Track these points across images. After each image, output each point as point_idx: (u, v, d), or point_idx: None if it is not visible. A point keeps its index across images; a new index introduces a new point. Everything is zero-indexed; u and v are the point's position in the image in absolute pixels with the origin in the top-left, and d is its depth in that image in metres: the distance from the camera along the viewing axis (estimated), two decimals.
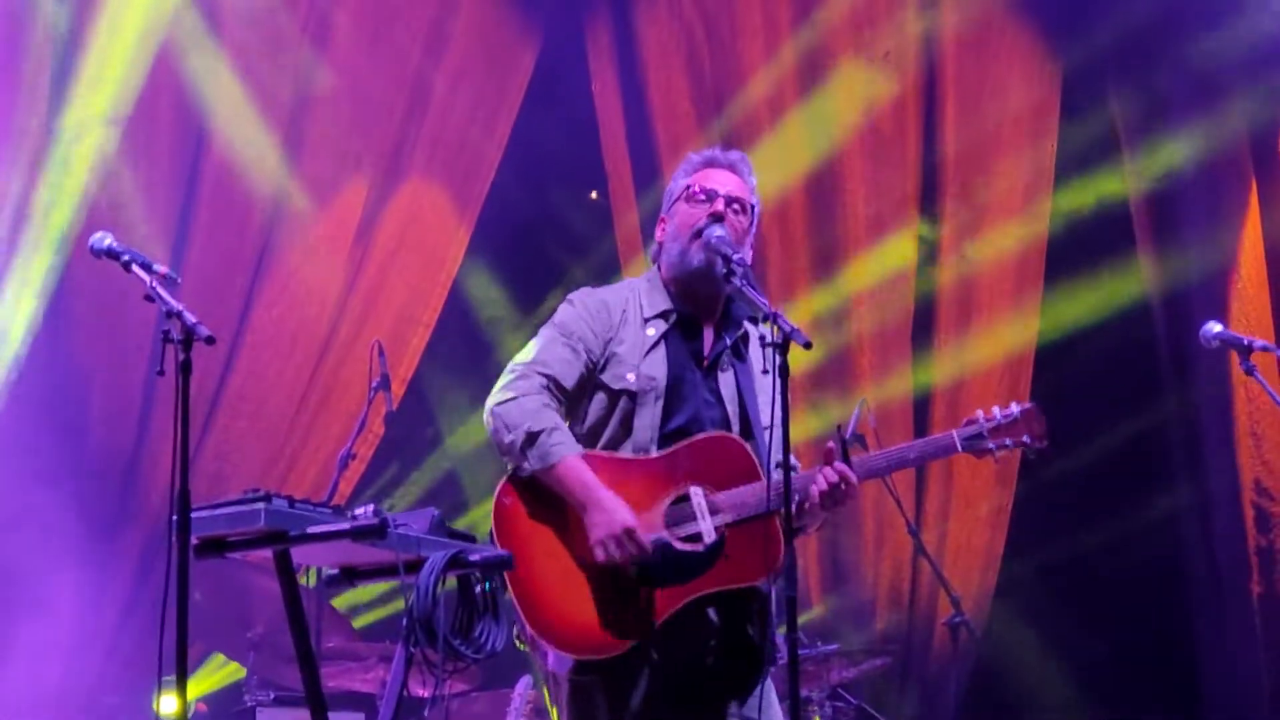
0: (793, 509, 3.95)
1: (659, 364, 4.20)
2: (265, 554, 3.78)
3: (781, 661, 5.35)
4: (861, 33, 8.79)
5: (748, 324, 4.32)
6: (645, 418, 4.15)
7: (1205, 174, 8.73)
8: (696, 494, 4.08)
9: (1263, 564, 8.40)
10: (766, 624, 4.18)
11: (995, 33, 8.94)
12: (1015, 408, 4.33)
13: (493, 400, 4.15)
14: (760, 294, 4.02)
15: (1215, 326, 5.20)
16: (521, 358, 4.21)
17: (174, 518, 3.61)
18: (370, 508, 3.71)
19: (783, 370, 3.87)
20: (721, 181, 4.31)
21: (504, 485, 4.10)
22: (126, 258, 3.90)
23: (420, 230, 8.20)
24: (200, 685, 7.34)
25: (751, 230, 4.35)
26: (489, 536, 4.04)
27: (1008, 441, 4.29)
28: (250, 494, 3.61)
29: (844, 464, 4.09)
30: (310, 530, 3.63)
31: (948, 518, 8.63)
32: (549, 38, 8.49)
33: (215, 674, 7.45)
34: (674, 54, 8.69)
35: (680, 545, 4.04)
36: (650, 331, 4.24)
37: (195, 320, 3.73)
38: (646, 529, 4.02)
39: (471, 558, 3.79)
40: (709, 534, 4.05)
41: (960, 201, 8.84)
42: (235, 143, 7.70)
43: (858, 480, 4.11)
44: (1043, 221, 8.86)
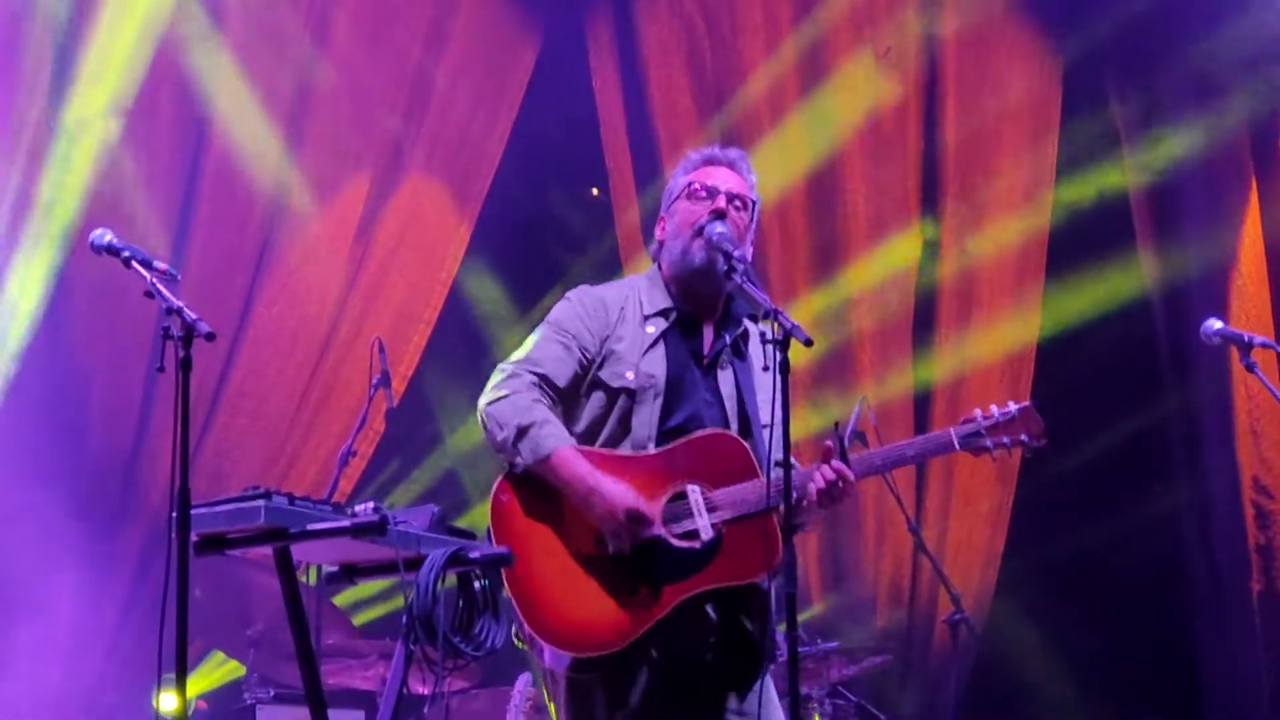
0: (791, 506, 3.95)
1: (658, 362, 4.20)
2: (265, 551, 3.78)
3: (781, 659, 5.36)
4: (862, 30, 8.79)
5: (747, 322, 4.32)
6: (644, 415, 4.15)
7: (1205, 171, 8.73)
8: (694, 491, 4.07)
9: (1262, 562, 8.41)
10: (766, 621, 4.18)
11: (996, 29, 8.93)
12: (1013, 406, 4.33)
13: (484, 400, 4.15)
14: (761, 291, 4.02)
15: (1216, 323, 5.18)
16: (513, 356, 4.21)
17: (174, 515, 3.61)
18: (370, 505, 3.72)
19: (783, 367, 3.87)
20: (722, 178, 4.31)
21: (501, 483, 4.09)
22: (127, 254, 3.90)
23: (421, 228, 8.20)
24: (200, 683, 7.33)
25: (751, 227, 4.35)
26: (486, 534, 4.03)
27: (1005, 440, 4.29)
28: (250, 491, 3.61)
29: (842, 462, 4.09)
30: (310, 527, 3.64)
31: (948, 515, 8.63)
32: (549, 35, 8.49)
33: (215, 671, 7.45)
34: (675, 51, 8.68)
35: (677, 542, 4.04)
36: (650, 329, 4.23)
37: (195, 317, 3.72)
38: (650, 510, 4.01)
39: (471, 555, 3.79)
40: (706, 531, 4.05)
41: (961, 199, 8.84)
42: (236, 140, 7.70)
43: (855, 478, 4.11)
44: (1043, 218, 8.86)
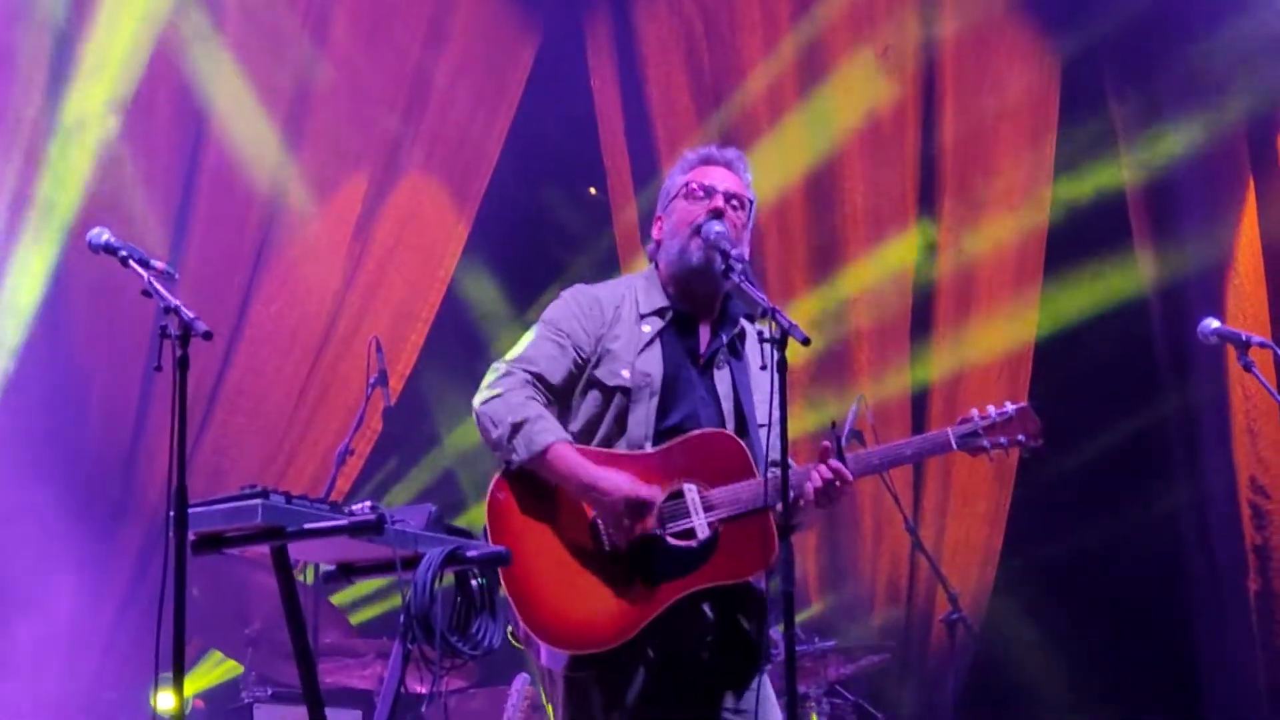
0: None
1: (654, 361, 4.20)
2: (262, 550, 3.78)
3: (779, 658, 5.36)
4: (861, 28, 8.78)
5: (744, 322, 4.33)
6: (640, 414, 4.15)
7: (1203, 170, 8.72)
8: (690, 490, 4.07)
9: (1259, 561, 8.41)
10: (762, 620, 4.18)
11: (995, 28, 8.93)
12: (1010, 407, 4.33)
13: (478, 399, 4.15)
14: (759, 290, 4.02)
15: (1213, 322, 5.17)
16: (507, 355, 4.22)
17: (171, 513, 3.60)
18: (367, 504, 3.72)
19: (781, 366, 3.87)
20: (719, 178, 4.31)
21: (498, 480, 4.09)
22: (124, 253, 3.90)
23: (419, 226, 8.19)
24: (198, 682, 7.33)
25: (749, 226, 4.36)
26: (483, 533, 4.03)
27: (1002, 440, 4.29)
28: (247, 490, 3.61)
29: (839, 461, 4.09)
30: (307, 526, 3.63)
31: (946, 514, 8.63)
32: (548, 34, 8.48)
33: (213, 671, 7.44)
34: (673, 50, 8.68)
35: (674, 541, 4.04)
36: (646, 328, 4.23)
37: (193, 315, 3.72)
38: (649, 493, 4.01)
39: (469, 554, 3.79)
40: (702, 530, 4.05)
41: (959, 198, 8.83)
42: (234, 139, 7.69)
43: (853, 478, 4.11)
44: (1042, 218, 8.86)
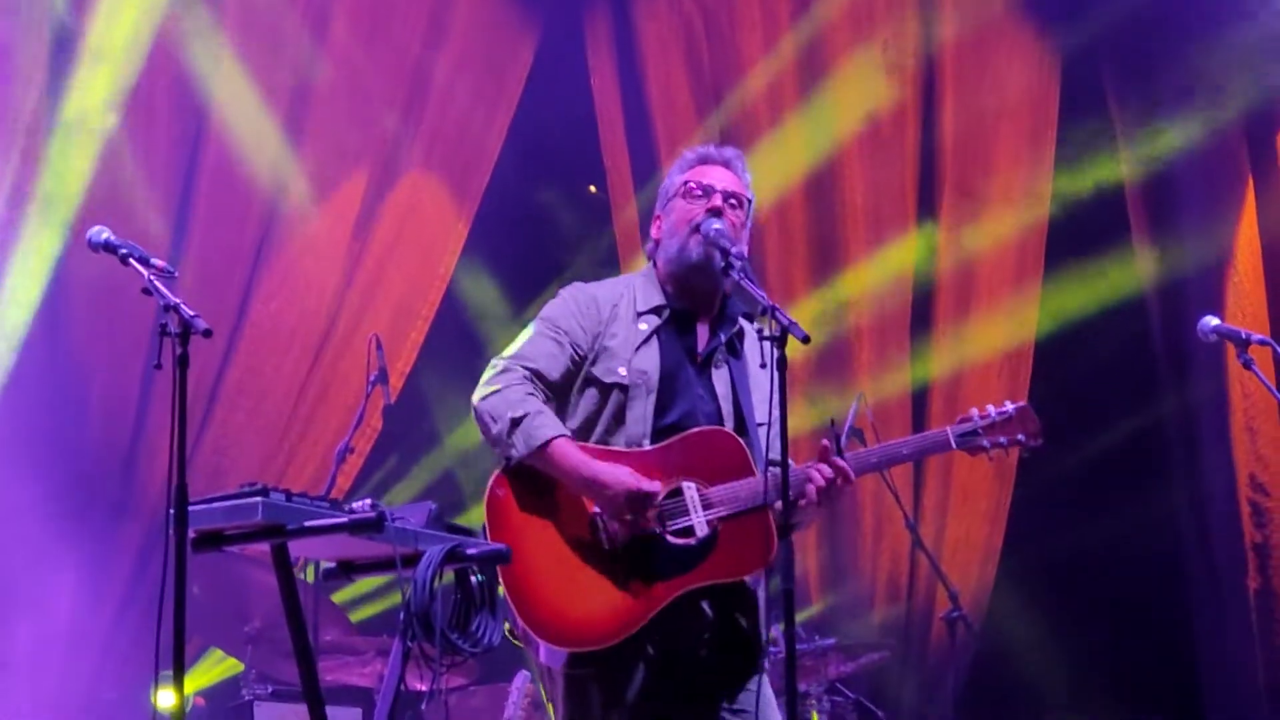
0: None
1: (651, 358, 4.20)
2: (263, 548, 3.77)
3: (779, 656, 5.36)
4: (860, 25, 8.78)
5: (743, 321, 4.33)
6: (637, 411, 4.15)
7: (1202, 169, 8.73)
8: (689, 488, 4.08)
9: (1259, 559, 8.41)
10: (758, 619, 4.18)
11: (994, 26, 8.92)
12: (1010, 406, 4.34)
13: (477, 395, 4.15)
14: (758, 288, 4.02)
15: (1213, 320, 5.16)
16: (505, 352, 4.22)
17: (171, 511, 3.60)
18: (368, 501, 3.72)
19: (781, 364, 3.87)
20: (717, 177, 4.32)
21: (497, 477, 4.09)
22: (124, 251, 3.89)
23: (419, 224, 8.19)
24: (198, 680, 7.33)
25: (747, 225, 4.36)
26: (482, 530, 4.03)
27: (1002, 440, 4.30)
28: (247, 487, 3.61)
29: (839, 459, 4.09)
30: (307, 524, 3.63)
31: (946, 512, 8.63)
32: (548, 31, 8.48)
33: (213, 669, 7.45)
34: (673, 47, 8.68)
35: (673, 539, 4.04)
36: (642, 326, 4.24)
37: (193, 313, 3.72)
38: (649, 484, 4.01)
39: (469, 551, 3.79)
40: (701, 528, 4.05)
41: (959, 195, 8.83)
42: (235, 136, 7.69)
43: (854, 476, 4.12)
44: (1042, 216, 8.86)
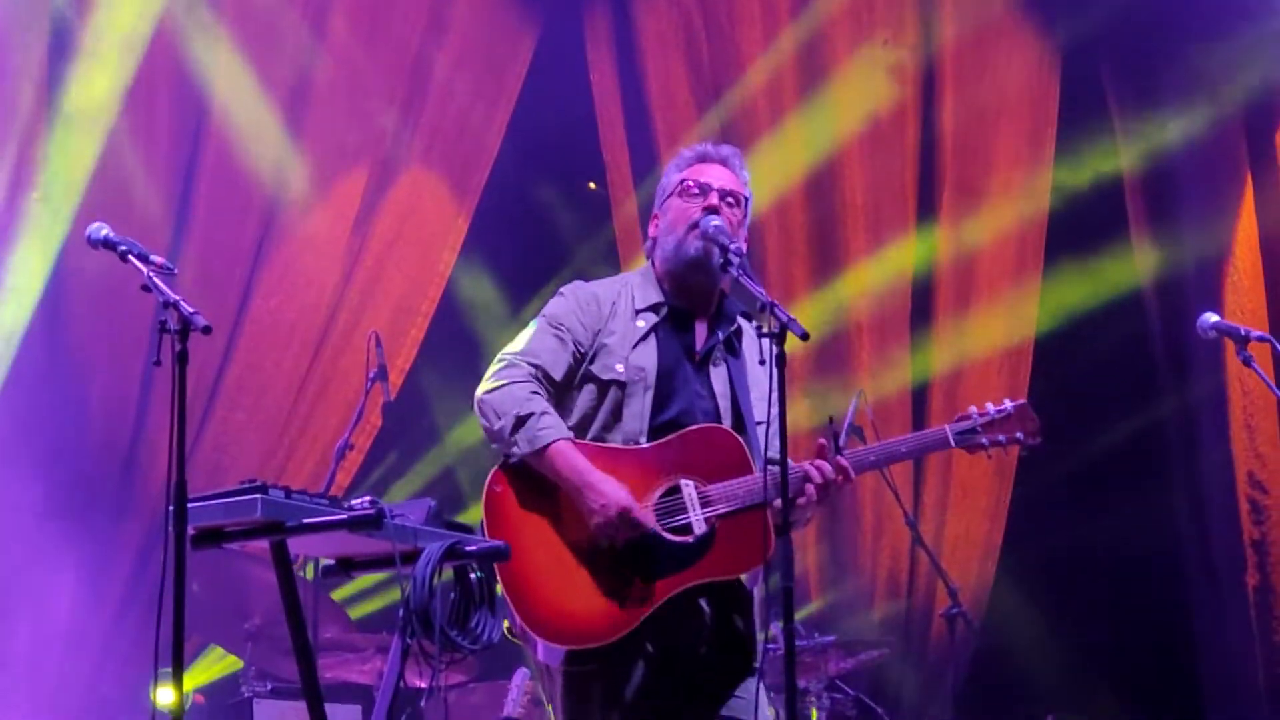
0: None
1: (649, 355, 4.21)
2: (262, 545, 3.77)
3: (778, 653, 5.35)
4: (861, 21, 8.77)
5: (741, 319, 4.33)
6: (635, 407, 4.16)
7: (1200, 165, 8.72)
8: (687, 486, 4.08)
9: (1257, 557, 8.41)
10: (753, 617, 4.18)
11: (994, 23, 8.91)
12: (1009, 404, 4.34)
13: (481, 389, 4.16)
14: (757, 285, 4.02)
15: (1212, 316, 5.15)
16: (510, 348, 4.23)
17: (170, 508, 3.60)
18: (367, 498, 3.71)
19: (779, 360, 3.87)
20: (715, 175, 4.32)
21: (495, 473, 4.10)
22: (123, 248, 3.89)
23: (418, 220, 8.18)
24: (197, 677, 7.33)
25: (745, 223, 4.36)
26: (480, 526, 4.03)
27: (1000, 438, 4.31)
28: (247, 485, 3.61)
29: (838, 457, 4.09)
30: (306, 521, 3.63)
31: (946, 509, 8.62)
32: (547, 27, 8.46)
33: (213, 666, 7.44)
34: (672, 43, 8.67)
35: (670, 536, 4.04)
36: (640, 323, 4.25)
37: (192, 310, 3.72)
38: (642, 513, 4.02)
39: (468, 549, 3.78)
40: (699, 525, 4.05)
41: (959, 191, 8.82)
42: (234, 133, 7.69)
43: (855, 474, 4.12)
44: (1041, 212, 8.85)
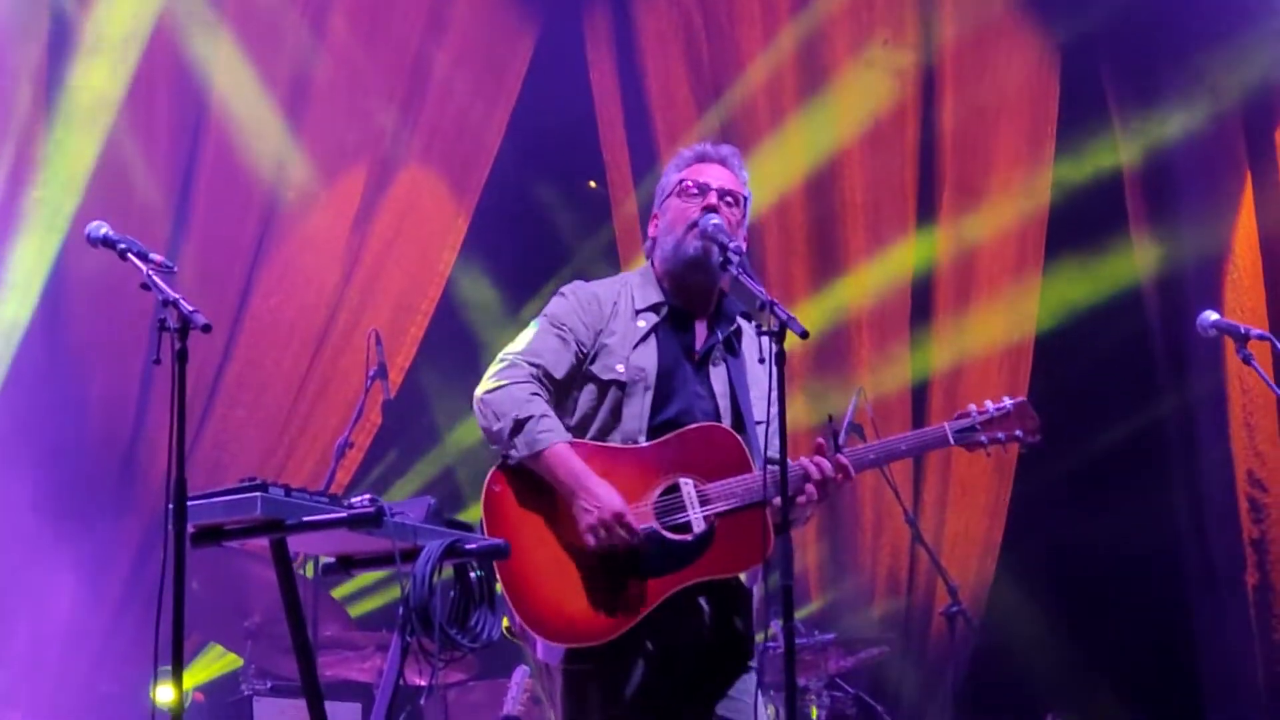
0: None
1: (649, 355, 4.21)
2: (262, 543, 3.77)
3: (778, 651, 5.36)
4: (860, 19, 8.77)
5: (740, 319, 4.33)
6: (634, 407, 4.16)
7: (1200, 164, 8.72)
8: (686, 484, 4.08)
9: (1257, 555, 8.41)
10: (751, 616, 4.18)
11: (994, 22, 8.91)
12: (1008, 401, 4.34)
13: (481, 389, 4.16)
14: (757, 283, 4.02)
15: (1212, 315, 5.14)
16: (512, 348, 4.23)
17: (170, 506, 3.60)
18: (367, 496, 3.72)
19: (779, 359, 3.88)
20: (714, 175, 4.32)
21: (494, 473, 4.10)
22: (123, 246, 3.89)
23: (418, 219, 8.18)
24: (197, 675, 7.33)
25: (744, 223, 4.36)
26: (479, 525, 4.03)
27: (1000, 435, 4.31)
28: (246, 483, 3.61)
29: (838, 455, 4.09)
30: (306, 519, 3.63)
31: (946, 506, 8.62)
32: (547, 26, 8.46)
33: (213, 664, 7.45)
34: (672, 42, 8.67)
35: (669, 535, 4.04)
36: (641, 324, 4.25)
37: (192, 308, 3.71)
38: (636, 518, 4.02)
39: (468, 546, 3.79)
40: (698, 524, 4.05)
41: (959, 189, 8.82)
42: (234, 131, 7.69)
43: (854, 473, 4.12)
44: (1041, 210, 8.85)
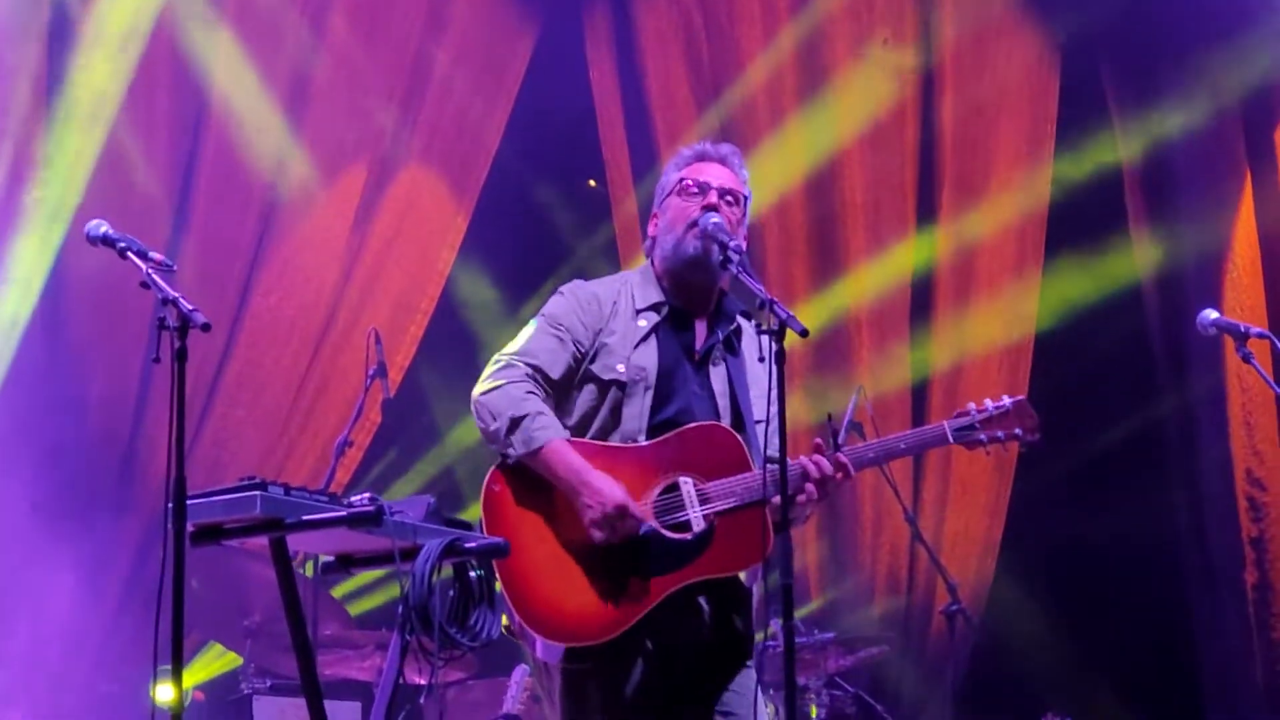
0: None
1: (650, 355, 4.21)
2: (261, 542, 3.77)
3: (778, 650, 5.36)
4: (860, 18, 8.77)
5: (740, 318, 4.33)
6: (634, 407, 4.16)
7: (1199, 163, 8.72)
8: (686, 483, 4.08)
9: (1255, 554, 8.41)
10: (750, 614, 4.19)
11: (994, 21, 8.91)
12: (1007, 400, 4.34)
13: (478, 390, 4.16)
14: (757, 282, 4.02)
15: (1212, 313, 5.14)
16: (508, 348, 4.22)
17: (170, 505, 3.60)
18: (366, 495, 3.72)
19: (779, 357, 3.88)
20: (714, 174, 4.32)
21: (493, 473, 4.10)
22: (122, 245, 3.89)
23: (418, 218, 8.19)
24: (197, 674, 7.33)
25: (744, 222, 4.36)
26: (478, 524, 4.03)
27: (999, 434, 4.30)
28: (246, 481, 3.60)
29: (837, 454, 4.09)
30: (306, 517, 3.62)
31: (946, 505, 8.62)
32: (547, 25, 8.46)
33: (212, 663, 7.45)
34: (672, 42, 8.67)
35: (669, 534, 4.04)
36: (641, 323, 4.24)
37: (191, 307, 3.71)
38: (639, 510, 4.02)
39: (467, 545, 3.78)
40: (697, 523, 4.05)
41: (958, 187, 8.81)
42: (234, 130, 7.69)
43: (854, 471, 4.12)
44: (1041, 208, 8.85)
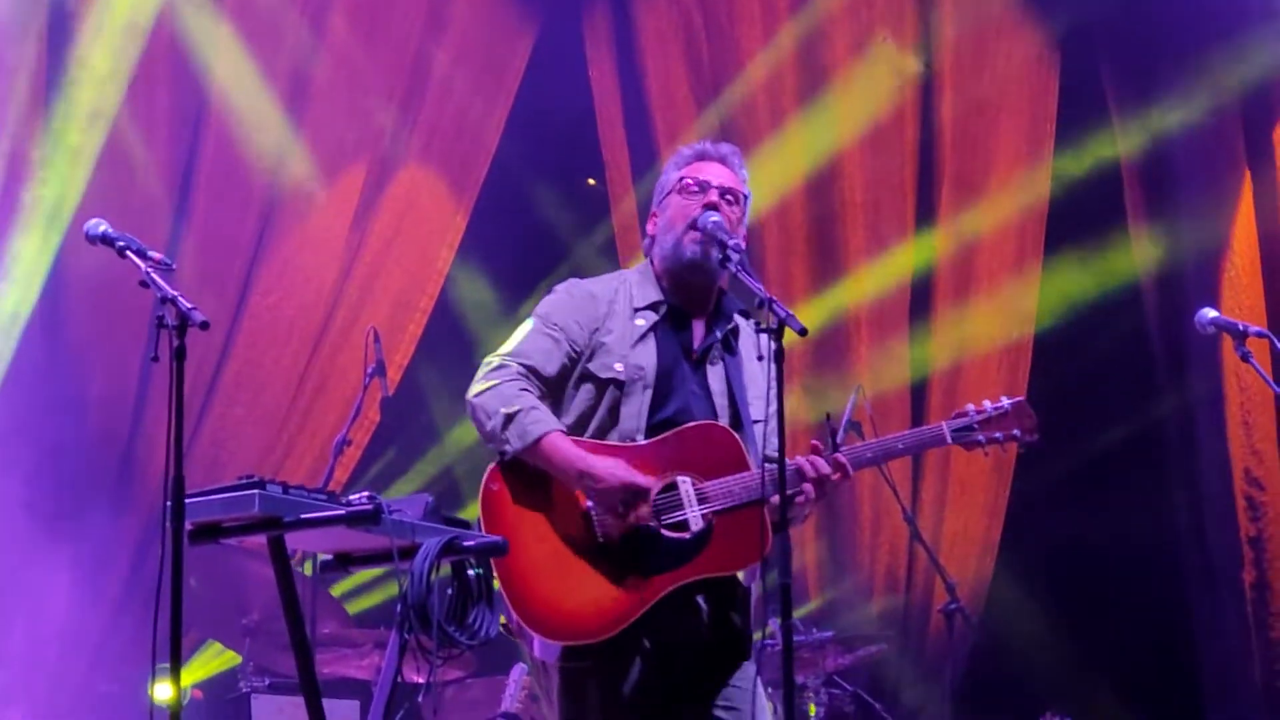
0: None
1: (648, 354, 4.20)
2: (260, 540, 3.77)
3: (776, 649, 5.35)
4: (860, 17, 8.77)
5: (738, 318, 4.33)
6: (632, 406, 4.15)
7: (1198, 161, 8.72)
8: (684, 483, 4.08)
9: (1254, 553, 8.42)
10: (749, 613, 4.19)
11: (993, 20, 8.91)
12: (1006, 401, 4.34)
13: (472, 391, 4.15)
14: (756, 281, 4.02)
15: (1211, 312, 5.13)
16: (501, 349, 4.22)
17: (168, 504, 3.60)
18: (365, 494, 3.72)
19: (778, 356, 3.88)
20: (714, 173, 4.31)
21: (491, 471, 4.10)
22: (121, 244, 3.89)
23: (417, 217, 8.20)
24: (195, 672, 7.34)
25: (744, 221, 4.36)
26: (477, 523, 4.03)
27: (998, 435, 4.30)
28: (244, 480, 3.61)
29: (836, 454, 4.10)
30: (304, 516, 3.62)
31: (945, 505, 8.63)
32: (546, 24, 8.47)
33: (211, 661, 7.46)
34: (672, 41, 8.67)
35: (667, 533, 4.04)
36: (639, 322, 4.24)
37: (190, 306, 3.71)
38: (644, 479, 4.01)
39: (466, 544, 3.78)
40: (696, 522, 4.05)
41: (959, 188, 8.82)
42: (234, 129, 7.69)
43: (852, 471, 4.13)
44: (1040, 207, 8.85)
